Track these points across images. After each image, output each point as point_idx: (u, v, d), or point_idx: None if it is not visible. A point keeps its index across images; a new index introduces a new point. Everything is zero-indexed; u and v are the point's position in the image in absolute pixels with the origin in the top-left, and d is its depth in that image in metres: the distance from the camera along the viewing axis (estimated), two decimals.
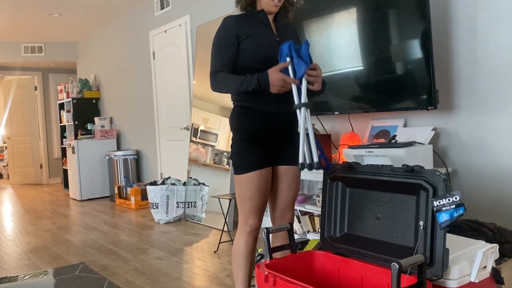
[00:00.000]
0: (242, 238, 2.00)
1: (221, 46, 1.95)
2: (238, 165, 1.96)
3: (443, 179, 1.50)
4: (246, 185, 1.96)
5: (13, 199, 6.91)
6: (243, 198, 1.97)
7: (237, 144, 1.98)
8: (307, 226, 3.16)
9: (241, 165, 1.96)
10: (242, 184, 1.96)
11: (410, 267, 1.34)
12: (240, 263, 2.02)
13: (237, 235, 2.03)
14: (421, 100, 2.51)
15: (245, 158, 1.96)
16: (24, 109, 8.84)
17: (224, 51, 1.94)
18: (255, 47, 1.96)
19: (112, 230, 4.40)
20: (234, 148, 1.99)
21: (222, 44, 1.95)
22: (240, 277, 2.03)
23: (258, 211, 1.99)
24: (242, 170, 1.95)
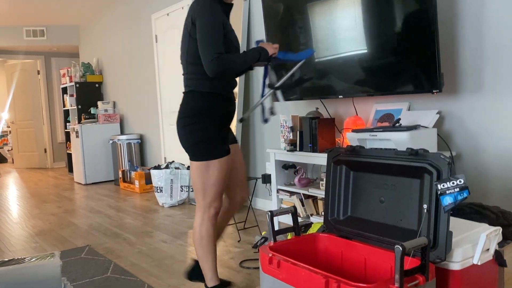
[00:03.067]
0: (208, 222, 2.06)
1: (216, 29, 1.95)
2: (209, 151, 2.00)
3: (448, 162, 1.50)
4: (218, 170, 2.02)
5: (18, 183, 6.97)
6: (212, 183, 2.02)
7: (207, 130, 2.00)
8: (311, 209, 3.18)
9: (214, 151, 2.00)
10: (214, 169, 2.01)
11: (413, 249, 1.35)
12: (209, 247, 2.09)
13: (200, 222, 2.07)
14: (426, 83, 2.50)
15: (217, 144, 2.02)
16: (27, 93, 8.83)
17: (219, 35, 1.96)
18: (232, 40, 2.08)
19: (117, 213, 4.44)
20: (204, 135, 2.00)
21: (216, 28, 1.95)
22: (210, 260, 2.11)
23: (222, 194, 2.09)
24: (215, 156, 2.01)
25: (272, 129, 4.07)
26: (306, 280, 1.45)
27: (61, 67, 8.72)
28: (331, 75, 3.06)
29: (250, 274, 2.61)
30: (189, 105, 2.05)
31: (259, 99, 2.32)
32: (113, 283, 2.55)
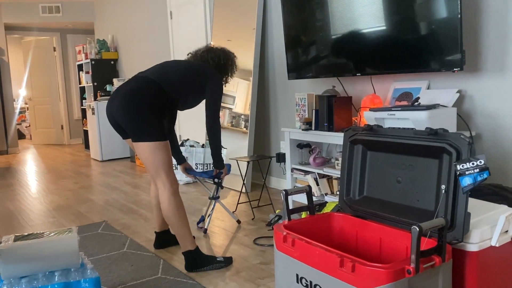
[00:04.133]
0: (177, 195, 2.37)
1: (221, 100, 2.58)
2: (157, 134, 2.30)
3: (468, 142, 1.47)
4: (166, 149, 2.35)
5: (36, 159, 7.09)
6: (167, 161, 2.35)
7: (153, 117, 2.30)
8: (325, 188, 3.17)
9: (160, 134, 2.31)
10: (164, 149, 2.33)
11: (430, 230, 1.34)
12: (183, 215, 2.39)
13: (170, 195, 2.35)
14: (447, 61, 2.43)
15: (162, 129, 2.33)
16: (43, 70, 8.90)
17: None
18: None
19: (133, 190, 4.50)
20: (155, 120, 2.30)
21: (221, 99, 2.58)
22: (186, 225, 2.39)
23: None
24: (163, 138, 2.32)
25: (287, 107, 4.04)
26: (320, 259, 1.45)
27: (76, 44, 8.75)
28: (349, 52, 2.99)
29: (264, 251, 2.62)
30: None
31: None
32: (129, 258, 2.60)
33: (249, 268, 2.40)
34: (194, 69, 2.54)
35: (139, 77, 2.41)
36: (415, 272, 1.29)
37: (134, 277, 2.33)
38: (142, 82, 2.35)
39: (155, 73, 2.43)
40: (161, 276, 2.33)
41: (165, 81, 2.40)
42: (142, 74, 2.44)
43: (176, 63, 2.56)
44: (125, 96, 2.29)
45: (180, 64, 2.55)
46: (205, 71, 2.57)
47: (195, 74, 2.52)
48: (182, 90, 2.46)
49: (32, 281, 1.84)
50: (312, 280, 1.50)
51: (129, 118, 2.27)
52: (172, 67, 2.51)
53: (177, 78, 2.45)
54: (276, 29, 4.03)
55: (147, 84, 2.35)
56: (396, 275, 1.28)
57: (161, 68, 2.48)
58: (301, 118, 3.27)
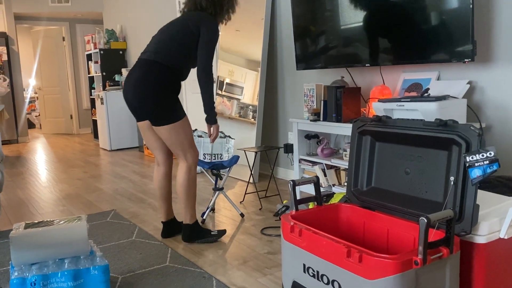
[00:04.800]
0: (193, 170, 2.54)
1: (215, 44, 2.49)
2: (178, 113, 2.45)
3: (478, 134, 1.46)
4: (188, 126, 2.51)
5: (46, 148, 7.16)
6: (190, 136, 2.51)
7: (171, 98, 2.44)
8: (333, 179, 3.17)
9: (176, 114, 2.44)
10: (186, 126, 2.49)
11: (438, 221, 1.33)
12: (193, 191, 2.56)
13: (187, 170, 2.51)
14: (457, 51, 2.40)
15: (177, 108, 2.46)
16: (53, 60, 8.94)
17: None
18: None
19: (141, 179, 4.53)
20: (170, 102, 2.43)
21: (215, 44, 2.50)
22: (192, 201, 2.56)
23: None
24: (183, 115, 2.48)
25: (295, 98, 4.03)
26: (327, 249, 1.45)
27: (85, 34, 8.76)
28: (358, 42, 2.97)
29: (271, 241, 2.64)
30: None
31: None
32: (138, 247, 2.63)
33: (256, 257, 2.41)
34: (187, 27, 2.47)
35: (142, 61, 2.46)
36: (423, 263, 1.29)
37: (142, 265, 2.35)
38: (145, 67, 2.42)
39: (154, 51, 2.45)
40: (169, 264, 2.35)
41: (165, 56, 2.43)
42: (143, 56, 2.48)
43: (169, 30, 2.51)
44: (135, 87, 2.41)
45: (174, 30, 2.49)
46: (195, 21, 2.47)
47: (189, 33, 2.46)
48: (182, 58, 2.47)
49: (42, 267, 1.87)
50: (319, 270, 1.50)
51: (146, 107, 2.41)
52: (167, 37, 2.48)
53: (175, 49, 2.45)
54: (285, 19, 4.00)
55: (150, 67, 2.41)
56: (403, 266, 1.28)
57: (158, 43, 2.48)
58: (309, 108, 3.26)
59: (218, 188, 3.09)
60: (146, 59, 2.44)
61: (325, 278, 1.48)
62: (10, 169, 5.47)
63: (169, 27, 2.52)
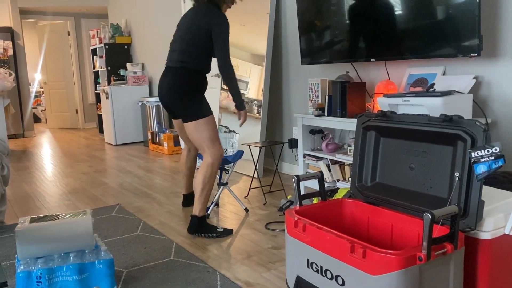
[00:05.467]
0: (215, 166, 2.68)
1: (228, 36, 2.67)
2: (203, 111, 2.66)
3: (483, 129, 1.45)
4: (212, 124, 2.68)
5: (51, 143, 7.19)
6: (213, 134, 2.67)
7: (199, 97, 2.67)
8: (337, 174, 3.16)
9: (201, 112, 2.65)
10: (210, 124, 2.67)
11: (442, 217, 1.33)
12: (210, 185, 2.68)
13: (208, 165, 2.67)
14: (464, 46, 2.38)
15: (203, 106, 2.67)
16: (58, 54, 8.96)
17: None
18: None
19: (146, 174, 4.54)
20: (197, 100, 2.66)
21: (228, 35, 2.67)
22: (206, 195, 2.68)
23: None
24: (209, 113, 2.68)
25: (300, 93, 4.02)
26: (331, 244, 1.45)
27: (90, 29, 8.77)
28: (363, 37, 2.95)
29: (275, 236, 2.64)
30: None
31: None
32: (143, 241, 2.64)
33: (260, 252, 2.42)
34: (201, 29, 2.65)
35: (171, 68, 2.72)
36: (427, 259, 1.28)
37: (147, 259, 2.37)
38: (175, 74, 2.69)
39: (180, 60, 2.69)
40: (173, 258, 2.36)
41: (190, 61, 2.67)
42: (171, 64, 2.73)
43: (186, 36, 2.70)
44: (168, 91, 2.69)
45: (190, 35, 2.68)
46: (204, 15, 2.65)
47: (204, 34, 2.65)
48: (204, 57, 2.70)
49: (48, 261, 1.88)
50: (322, 265, 1.51)
51: (177, 107, 2.68)
52: (187, 44, 2.69)
53: (195, 53, 2.67)
54: (290, 14, 3.99)
55: (179, 73, 2.68)
56: (407, 261, 1.28)
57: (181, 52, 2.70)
58: (314, 103, 3.25)
59: (222, 183, 3.09)
60: (174, 67, 2.71)
61: (328, 273, 1.48)
62: (16, 163, 5.51)
63: (183, 31, 2.72)
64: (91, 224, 1.93)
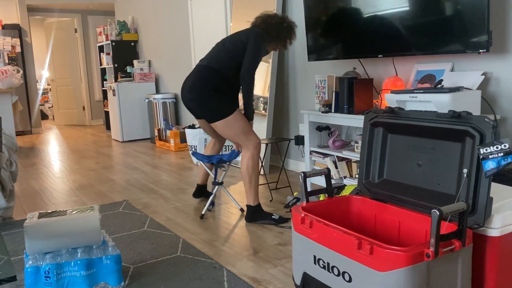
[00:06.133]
0: (255, 157, 2.78)
1: (258, 54, 2.76)
2: (228, 109, 2.73)
3: (492, 126, 1.44)
4: (240, 118, 2.76)
5: (59, 139, 7.24)
6: (245, 127, 2.76)
7: (219, 98, 2.73)
8: (344, 171, 3.15)
9: (227, 110, 2.73)
10: (238, 118, 2.74)
11: (450, 214, 1.32)
12: (255, 176, 2.79)
13: (249, 157, 2.77)
14: (472, 42, 2.36)
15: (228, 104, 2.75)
16: (65, 51, 9.00)
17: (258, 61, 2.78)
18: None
19: (153, 170, 4.56)
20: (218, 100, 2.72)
21: (259, 57, 2.77)
22: (254, 184, 2.80)
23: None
24: (235, 107, 2.76)
25: (306, 90, 4.01)
26: (338, 241, 1.45)
27: (97, 26, 8.79)
28: (370, 33, 2.94)
29: (282, 233, 2.64)
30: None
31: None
32: (149, 237, 2.65)
33: (266, 248, 2.42)
34: (238, 39, 2.79)
35: (198, 66, 2.81)
36: (434, 256, 1.28)
37: (154, 255, 2.38)
38: (199, 72, 2.77)
39: (208, 58, 2.82)
40: (180, 254, 2.37)
41: (216, 62, 2.77)
42: (200, 63, 2.83)
43: (224, 40, 2.87)
44: (190, 91, 2.76)
45: (227, 40, 2.84)
46: (246, 33, 2.80)
47: (239, 43, 2.78)
48: (231, 63, 2.77)
49: (56, 256, 1.89)
50: (329, 262, 1.50)
51: (200, 107, 2.74)
52: (221, 46, 2.84)
53: (224, 55, 2.78)
54: (297, 10, 3.97)
55: (203, 72, 2.76)
56: (415, 258, 1.27)
57: (212, 52, 2.85)
58: (320, 100, 3.24)
59: (217, 182, 3.06)
60: (201, 65, 2.81)
61: (335, 270, 1.48)
62: (24, 159, 5.55)
63: (226, 40, 2.87)
64: (99, 220, 1.94)
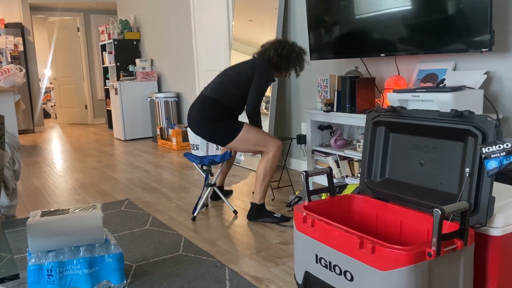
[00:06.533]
0: (275, 158, 2.78)
1: (265, 89, 2.79)
2: (235, 128, 2.75)
3: (494, 125, 1.43)
4: (250, 130, 2.75)
5: (61, 138, 7.25)
6: (258, 136, 2.75)
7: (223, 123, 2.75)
8: (346, 170, 3.15)
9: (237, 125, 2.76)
10: (248, 131, 2.74)
11: (452, 213, 1.32)
12: (269, 176, 2.80)
13: (270, 157, 2.77)
14: (475, 41, 2.36)
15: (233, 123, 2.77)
16: (67, 50, 9.02)
17: (264, 93, 2.80)
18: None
19: (155, 169, 4.56)
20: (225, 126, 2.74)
21: (265, 89, 2.80)
22: (266, 184, 2.80)
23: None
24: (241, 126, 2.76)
25: (308, 89, 4.00)
26: (340, 240, 1.45)
27: (99, 24, 8.81)
28: (373, 32, 2.93)
29: (284, 232, 2.64)
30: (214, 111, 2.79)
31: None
32: (152, 235, 2.66)
33: (268, 247, 2.42)
34: (244, 71, 2.80)
35: (202, 96, 2.82)
36: (436, 255, 1.28)
37: (156, 254, 2.38)
38: (203, 102, 2.78)
39: (212, 88, 2.82)
40: (182, 253, 2.38)
41: (220, 93, 2.77)
42: (204, 92, 2.84)
43: (229, 71, 2.85)
44: (196, 122, 2.78)
45: (233, 71, 2.84)
46: (253, 67, 2.80)
47: (244, 76, 2.79)
48: (236, 96, 2.79)
49: (58, 255, 1.90)
50: (331, 261, 1.50)
51: (209, 136, 2.77)
52: (225, 77, 2.83)
53: (229, 87, 2.79)
54: (299, 9, 3.97)
55: (207, 103, 2.77)
56: (417, 257, 1.27)
57: (217, 83, 2.84)
58: (322, 99, 3.24)
59: (210, 184, 3.01)
60: (204, 95, 2.81)
61: (337, 269, 1.48)
62: (26, 158, 5.56)
63: (230, 69, 2.87)
64: (101, 218, 1.94)
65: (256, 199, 2.83)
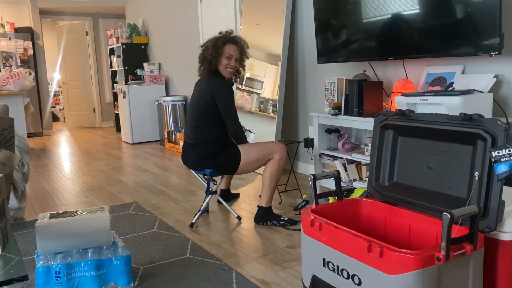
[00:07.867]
0: (281, 162, 2.79)
1: (233, 103, 2.78)
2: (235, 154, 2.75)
3: (504, 128, 1.42)
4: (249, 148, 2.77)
5: (69, 141, 7.30)
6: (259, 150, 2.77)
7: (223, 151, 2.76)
8: (354, 174, 3.14)
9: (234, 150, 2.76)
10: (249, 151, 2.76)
11: (461, 217, 1.31)
12: (275, 180, 2.80)
13: (275, 161, 2.77)
14: (484, 44, 2.34)
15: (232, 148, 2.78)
16: (76, 54, 9.09)
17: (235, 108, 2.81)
18: None
19: (162, 172, 4.58)
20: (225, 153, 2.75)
21: (233, 102, 2.79)
22: (272, 188, 2.80)
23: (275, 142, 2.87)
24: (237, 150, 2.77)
25: (316, 92, 4.00)
26: (348, 244, 1.45)
27: (108, 28, 8.87)
28: (381, 35, 2.93)
29: (291, 235, 2.64)
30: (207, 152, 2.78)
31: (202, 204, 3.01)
32: (159, 238, 2.66)
33: (275, 251, 2.42)
34: (204, 104, 2.75)
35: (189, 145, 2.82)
36: (445, 259, 1.27)
37: (163, 256, 2.38)
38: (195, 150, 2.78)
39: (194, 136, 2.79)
40: (189, 256, 2.38)
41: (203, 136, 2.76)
42: (189, 141, 2.82)
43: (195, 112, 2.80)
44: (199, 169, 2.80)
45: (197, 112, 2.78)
46: (204, 88, 2.78)
47: (209, 108, 2.75)
48: (215, 126, 2.78)
49: (66, 257, 1.91)
50: (339, 265, 1.50)
51: (214, 173, 2.79)
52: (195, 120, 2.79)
53: (206, 127, 2.76)
54: (306, 13, 3.97)
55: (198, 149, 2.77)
56: (425, 261, 1.26)
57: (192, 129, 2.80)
58: (330, 102, 3.23)
59: (211, 191, 2.97)
60: (191, 143, 2.81)
61: (345, 273, 1.47)
62: (35, 161, 5.61)
63: (194, 106, 2.81)
64: (109, 221, 1.95)
65: (263, 202, 2.83)
